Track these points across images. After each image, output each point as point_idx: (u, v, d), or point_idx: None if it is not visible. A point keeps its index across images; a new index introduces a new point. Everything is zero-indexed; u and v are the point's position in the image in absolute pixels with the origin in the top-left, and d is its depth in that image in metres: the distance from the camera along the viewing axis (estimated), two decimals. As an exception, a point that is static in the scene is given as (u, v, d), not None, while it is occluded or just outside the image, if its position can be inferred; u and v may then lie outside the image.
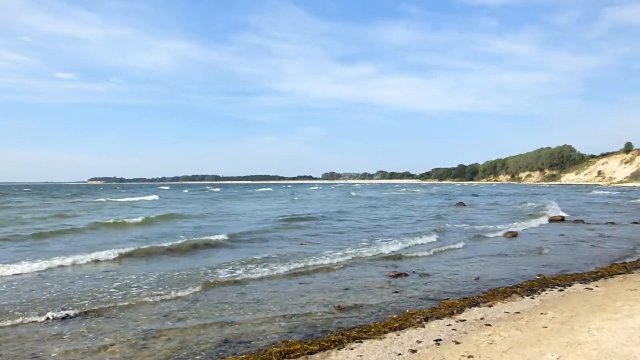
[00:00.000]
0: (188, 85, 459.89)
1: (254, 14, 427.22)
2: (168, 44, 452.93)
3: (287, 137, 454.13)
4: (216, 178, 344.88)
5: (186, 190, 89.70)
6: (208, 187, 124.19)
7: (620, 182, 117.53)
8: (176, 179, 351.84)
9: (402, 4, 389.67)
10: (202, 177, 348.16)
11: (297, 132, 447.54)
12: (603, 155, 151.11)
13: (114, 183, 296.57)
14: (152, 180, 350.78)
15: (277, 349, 5.40)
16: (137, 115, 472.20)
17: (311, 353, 5.33)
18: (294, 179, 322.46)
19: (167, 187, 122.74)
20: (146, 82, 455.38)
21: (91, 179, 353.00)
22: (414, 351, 5.26)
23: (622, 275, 9.48)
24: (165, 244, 13.43)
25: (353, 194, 64.37)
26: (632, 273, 9.67)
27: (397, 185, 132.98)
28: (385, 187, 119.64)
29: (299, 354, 5.29)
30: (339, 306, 7.35)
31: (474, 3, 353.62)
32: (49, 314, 6.78)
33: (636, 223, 20.47)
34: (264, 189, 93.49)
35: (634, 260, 11.30)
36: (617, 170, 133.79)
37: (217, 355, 5.38)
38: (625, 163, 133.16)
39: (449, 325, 6.26)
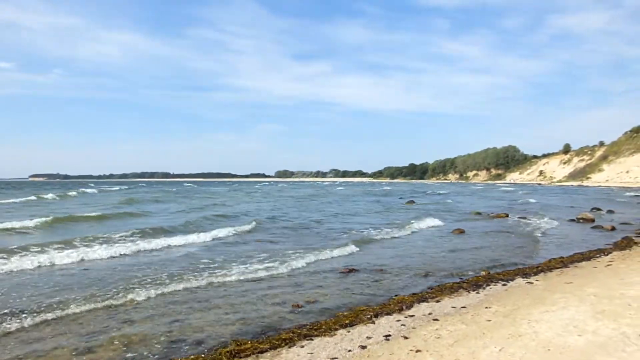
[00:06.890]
0: (139, 79, 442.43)
1: (208, 7, 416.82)
2: (118, 36, 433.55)
3: (242, 134, 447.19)
4: (166, 175, 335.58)
5: None
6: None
7: (560, 181, 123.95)
8: (124, 176, 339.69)
9: (358, 3, 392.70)
10: (152, 175, 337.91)
11: (252, 129, 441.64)
12: (544, 156, 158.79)
13: (58, 180, 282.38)
14: (99, 177, 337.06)
15: (227, 349, 5.33)
16: (83, 109, 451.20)
17: (262, 352, 5.29)
18: (247, 176, 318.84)
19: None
20: (93, 75, 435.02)
21: (32, 175, 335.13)
22: (363, 347, 5.33)
23: (560, 269, 10.03)
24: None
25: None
26: (569, 267, 10.23)
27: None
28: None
29: (249, 353, 5.25)
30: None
31: (428, 4, 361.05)
32: None
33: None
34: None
35: (570, 255, 11.96)
36: (556, 170, 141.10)
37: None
38: (564, 163, 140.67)
39: (398, 320, 6.39)
